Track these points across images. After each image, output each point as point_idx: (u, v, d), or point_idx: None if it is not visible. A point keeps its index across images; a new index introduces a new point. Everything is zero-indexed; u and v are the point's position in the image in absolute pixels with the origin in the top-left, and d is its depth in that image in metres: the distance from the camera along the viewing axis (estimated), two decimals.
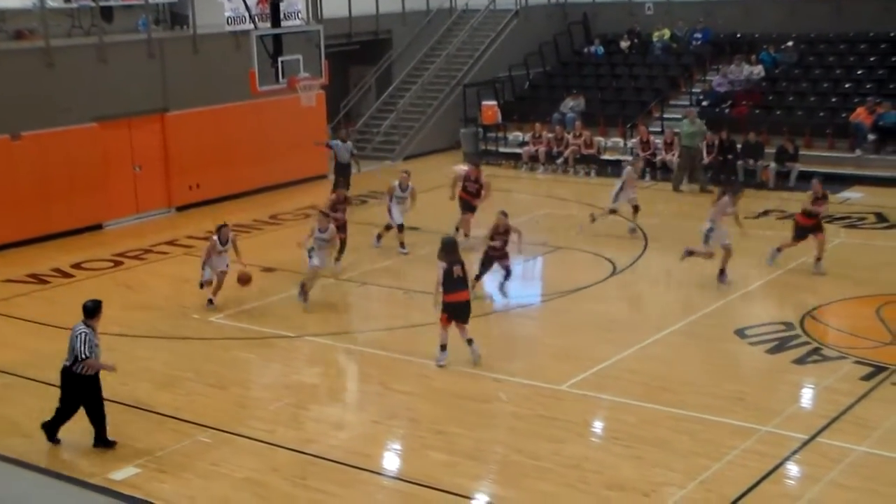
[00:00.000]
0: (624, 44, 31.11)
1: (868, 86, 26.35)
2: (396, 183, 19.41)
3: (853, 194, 22.93)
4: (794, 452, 10.96)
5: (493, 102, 29.23)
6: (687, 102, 28.12)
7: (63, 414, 11.44)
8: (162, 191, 23.39)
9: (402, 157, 28.87)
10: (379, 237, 19.69)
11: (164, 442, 11.52)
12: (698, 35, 30.34)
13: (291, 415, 12.45)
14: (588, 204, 23.16)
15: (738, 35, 30.10)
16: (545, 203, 22.77)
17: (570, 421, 11.98)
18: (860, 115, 24.79)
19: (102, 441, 11.43)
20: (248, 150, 24.65)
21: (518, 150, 27.90)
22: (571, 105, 28.57)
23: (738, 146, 24.69)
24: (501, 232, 16.08)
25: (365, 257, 19.10)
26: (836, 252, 18.34)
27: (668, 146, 25.36)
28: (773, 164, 24.12)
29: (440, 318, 13.58)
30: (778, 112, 26.72)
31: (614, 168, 26.20)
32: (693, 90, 28.76)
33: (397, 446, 11.81)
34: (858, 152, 24.63)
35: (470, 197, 19.42)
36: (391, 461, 11.47)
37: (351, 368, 14.53)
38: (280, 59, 19.34)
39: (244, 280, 16.19)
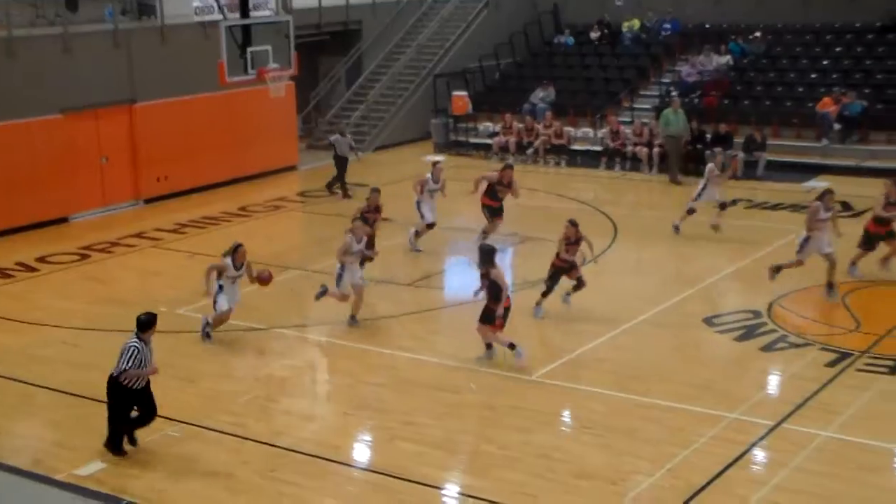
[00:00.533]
0: (594, 34, 31.14)
1: (834, 76, 26.55)
2: (428, 175, 18.77)
3: (819, 183, 23.05)
4: (761, 439, 11.05)
5: (464, 93, 29.25)
6: (656, 93, 28.28)
7: (117, 424, 11.04)
8: (129, 183, 23.21)
9: (373, 148, 28.80)
10: (417, 234, 18.76)
11: None
12: (667, 25, 30.43)
13: (261, 407, 12.41)
14: (558, 194, 23.23)
15: (707, 25, 30.22)
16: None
17: (540, 411, 12.02)
18: (826, 105, 24.99)
19: (115, 445, 11.07)
20: (217, 142, 24.51)
21: (488, 141, 27.91)
22: (541, 95, 28.60)
23: (707, 136, 24.81)
24: (573, 242, 14.88)
25: (336, 247, 19.03)
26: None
27: (638, 136, 25.47)
28: (741, 154, 24.26)
29: (498, 323, 13.11)
30: (746, 102, 26.88)
31: (584, 158, 26.34)
32: (662, 80, 28.87)
33: (367, 437, 11.81)
34: (824, 142, 24.83)
35: (497, 202, 18.43)
36: (361, 452, 11.48)
37: (320, 360, 14.50)
38: (249, 50, 19.22)
39: (265, 280, 14.56)
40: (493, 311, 13.02)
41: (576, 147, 26.83)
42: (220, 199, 23.42)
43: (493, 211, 18.47)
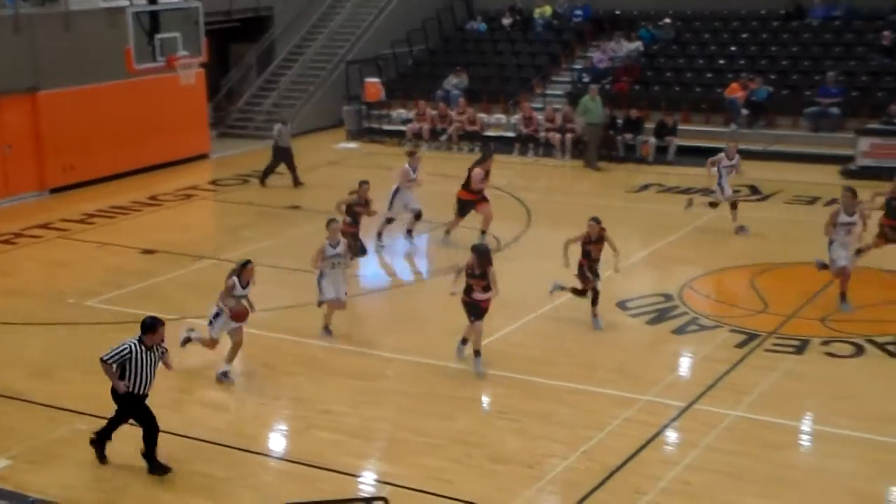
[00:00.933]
0: (506, 20, 31.29)
1: (741, 62, 27.10)
2: (407, 165, 18.07)
3: None
4: (673, 420, 11.24)
5: (377, 80, 29.12)
6: (568, 79, 28.54)
7: (110, 425, 10.51)
8: (34, 172, 22.57)
9: None
10: (380, 235, 18.02)
11: (39, 431, 11.18)
12: (579, 12, 30.74)
13: (174, 399, 12.19)
14: None
15: (618, 12, 30.58)
16: (430, 180, 22.70)
17: (456, 396, 12.04)
18: (734, 91, 25.50)
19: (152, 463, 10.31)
20: (125, 130, 23.97)
21: (402, 128, 27.85)
22: (455, 82, 28.63)
23: (619, 121, 25.10)
24: (594, 241, 13.95)
25: (248, 236, 18.85)
26: (712, 224, 18.82)
27: (551, 122, 25.68)
28: (652, 139, 24.63)
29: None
30: (656, 88, 27.28)
31: (497, 144, 26.41)
32: (574, 67, 29.14)
33: (283, 427, 11.71)
34: (733, 127, 25.33)
35: (474, 196, 17.78)
36: (277, 442, 11.37)
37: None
38: (157, 37, 18.89)
39: (240, 315, 12.55)
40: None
41: (489, 133, 26.92)
42: (130, 189, 22.95)
43: (469, 204, 17.85)
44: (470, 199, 17.99)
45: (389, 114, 28.90)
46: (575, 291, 14.27)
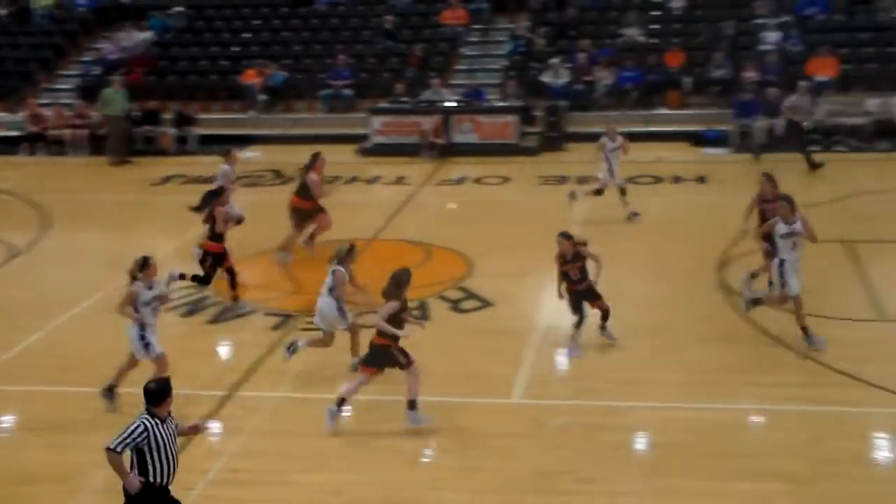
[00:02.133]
0: (1, 11, 29.12)
1: (255, 48, 27.40)
2: (227, 167, 15.83)
3: (251, 154, 23.66)
4: (216, 411, 10.97)
5: None
6: (78, 72, 27.30)
7: None
8: None
9: None
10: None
11: None
12: (83, 1, 29.35)
13: None
14: None
15: (126, 1, 29.58)
16: None
17: None
18: (250, 77, 25.73)
19: None
20: None
21: None
22: None
23: (135, 114, 24.33)
24: (570, 260, 11.99)
25: None
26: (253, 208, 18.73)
27: (61, 118, 24.40)
28: (171, 130, 24.17)
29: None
30: (172, 77, 26.79)
31: (2, 145, 24.53)
32: (83, 59, 27.83)
33: None
34: (251, 113, 25.55)
35: (311, 204, 15.68)
36: None
37: None
38: None
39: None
40: None
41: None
42: None
43: (307, 213, 15.72)
44: (307, 208, 15.81)
45: None
46: (602, 322, 12.27)
